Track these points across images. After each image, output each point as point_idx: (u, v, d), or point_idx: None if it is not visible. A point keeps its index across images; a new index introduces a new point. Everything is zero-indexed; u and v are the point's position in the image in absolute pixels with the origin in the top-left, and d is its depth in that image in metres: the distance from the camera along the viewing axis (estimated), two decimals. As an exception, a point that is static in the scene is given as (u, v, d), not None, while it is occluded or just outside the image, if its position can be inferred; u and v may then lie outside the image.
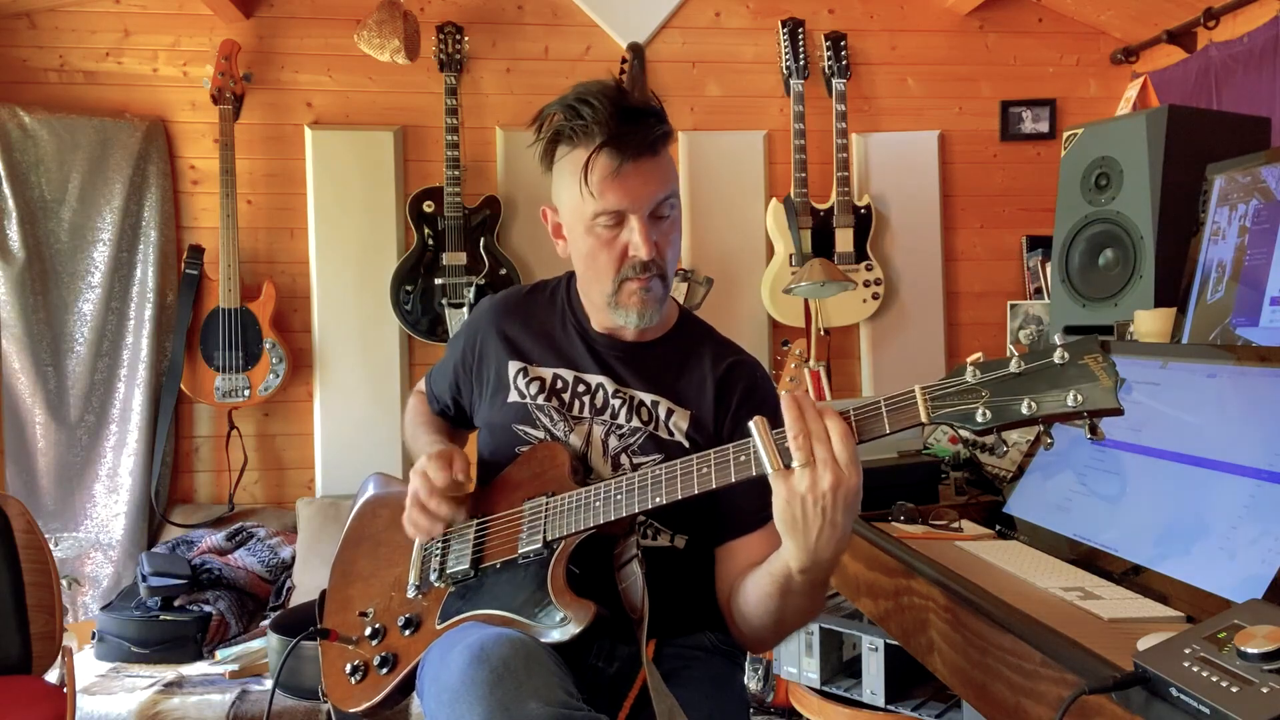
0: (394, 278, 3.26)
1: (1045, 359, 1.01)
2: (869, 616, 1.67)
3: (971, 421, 1.02)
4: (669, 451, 1.34)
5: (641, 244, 1.28)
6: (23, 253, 3.11)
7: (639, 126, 1.27)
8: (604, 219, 1.29)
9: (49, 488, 3.15)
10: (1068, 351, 1.00)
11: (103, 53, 3.28)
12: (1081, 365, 0.99)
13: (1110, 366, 0.99)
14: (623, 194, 1.27)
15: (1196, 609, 1.06)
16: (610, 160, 1.26)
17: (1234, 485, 1.12)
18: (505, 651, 1.08)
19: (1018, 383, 1.01)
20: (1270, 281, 1.51)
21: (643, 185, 1.28)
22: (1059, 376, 1.00)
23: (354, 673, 1.33)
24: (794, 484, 1.03)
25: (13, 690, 1.96)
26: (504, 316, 1.49)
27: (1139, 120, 1.91)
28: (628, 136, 1.26)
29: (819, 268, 3.07)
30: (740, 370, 1.41)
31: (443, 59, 3.27)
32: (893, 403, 1.06)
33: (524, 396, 1.41)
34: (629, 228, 1.29)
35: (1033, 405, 1.00)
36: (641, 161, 1.27)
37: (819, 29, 3.48)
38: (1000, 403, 1.01)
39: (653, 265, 1.30)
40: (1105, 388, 0.98)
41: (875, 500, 1.65)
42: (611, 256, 1.31)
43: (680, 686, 1.27)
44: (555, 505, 1.26)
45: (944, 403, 1.03)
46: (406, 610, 1.33)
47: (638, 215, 1.28)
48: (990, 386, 1.02)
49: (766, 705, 2.94)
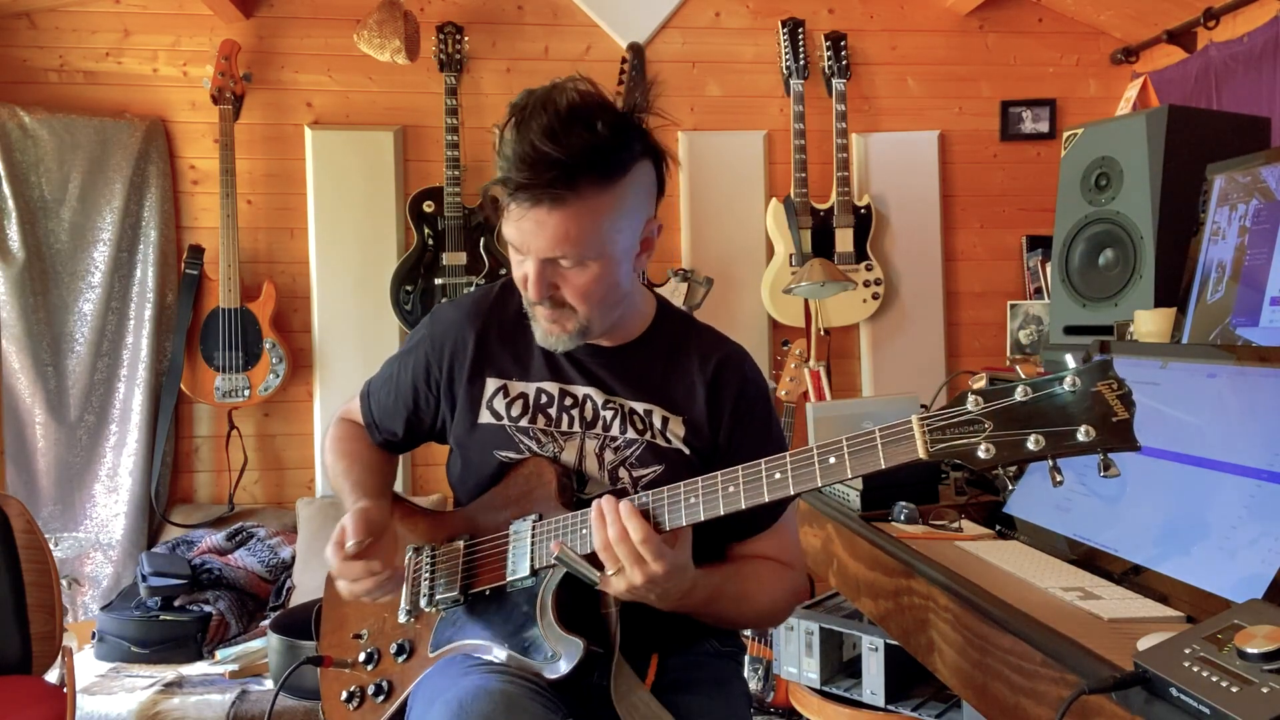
0: (394, 278, 3.26)
1: (1053, 387, 0.93)
2: (869, 616, 1.67)
3: (973, 459, 0.95)
4: (669, 460, 1.30)
5: (530, 284, 1.23)
6: (23, 253, 3.11)
7: (538, 175, 1.15)
8: (512, 247, 1.24)
9: (49, 488, 3.15)
10: (1079, 378, 0.93)
11: (103, 53, 3.28)
12: (1094, 394, 0.92)
13: (1126, 396, 0.91)
14: (515, 232, 1.21)
15: (1196, 609, 1.06)
16: (517, 205, 1.19)
17: (1234, 485, 1.12)
18: (485, 708, 1.09)
19: (1023, 413, 0.94)
20: (1270, 281, 1.50)
21: (533, 234, 1.20)
22: (1069, 407, 0.92)
23: (350, 699, 1.32)
24: (617, 584, 1.13)
25: (13, 690, 1.96)
26: (472, 327, 1.38)
27: (1139, 120, 1.91)
28: (523, 183, 1.17)
29: (819, 268, 3.07)
30: (729, 368, 1.36)
31: (443, 59, 3.27)
32: (889, 434, 1.00)
33: (500, 418, 1.34)
34: (526, 261, 1.23)
35: (1039, 441, 0.93)
36: (537, 210, 1.17)
37: (819, 29, 3.48)
38: (1004, 437, 0.94)
39: (546, 301, 1.24)
40: (1120, 420, 0.91)
41: (875, 500, 1.65)
42: (519, 278, 1.26)
43: (689, 694, 1.28)
44: (543, 530, 1.23)
45: (944, 436, 0.97)
46: (400, 635, 1.32)
47: (529, 260, 1.22)
48: (993, 418, 0.95)
49: (766, 705, 2.94)
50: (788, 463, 1.06)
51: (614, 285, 1.26)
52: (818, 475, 1.04)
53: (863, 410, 1.74)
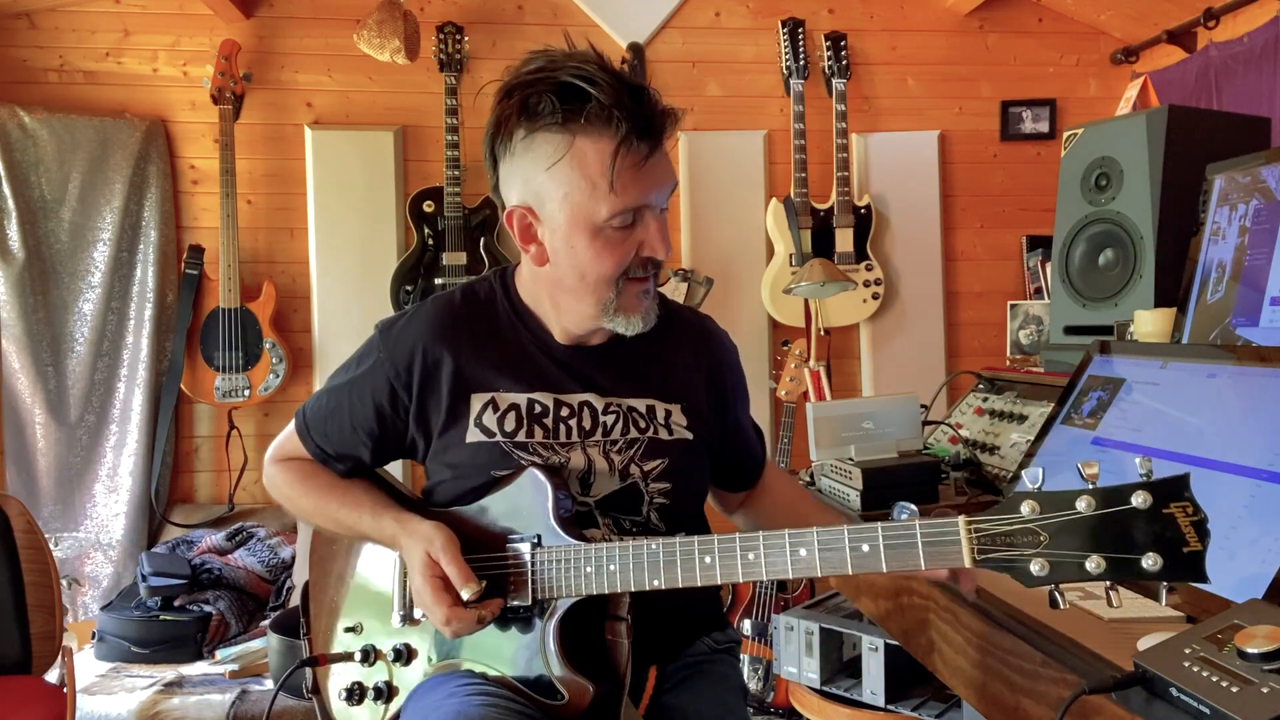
0: (394, 278, 3.26)
1: (1122, 504, 0.85)
2: (869, 616, 1.67)
3: (1025, 575, 0.88)
4: (672, 454, 1.27)
5: (658, 242, 1.17)
6: (23, 253, 3.11)
7: (652, 108, 1.12)
8: (619, 219, 1.15)
9: (49, 488, 3.15)
10: (1151, 494, 0.84)
11: (103, 53, 3.28)
12: (1166, 515, 0.84)
13: (1202, 524, 0.83)
14: (647, 187, 1.14)
15: (1196, 609, 1.06)
16: (637, 153, 1.12)
17: (1234, 485, 1.12)
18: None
19: (1084, 529, 0.87)
20: (1270, 281, 1.50)
21: (665, 175, 1.16)
22: (1136, 527, 0.85)
23: (350, 696, 1.30)
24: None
25: (13, 690, 1.96)
26: (441, 342, 1.26)
27: (1139, 120, 1.91)
28: (648, 123, 1.11)
29: (819, 268, 3.07)
30: (709, 342, 1.37)
31: (443, 59, 3.27)
32: (932, 536, 0.93)
33: (494, 435, 1.23)
34: (644, 225, 1.17)
35: (1099, 564, 0.85)
36: (657, 153, 1.14)
37: (819, 29, 3.48)
38: (1059, 556, 0.87)
39: (660, 263, 1.20)
40: (1192, 553, 0.83)
41: (875, 500, 1.65)
42: (619, 259, 1.17)
43: (684, 692, 1.28)
44: (542, 557, 1.14)
45: (993, 546, 0.90)
46: (397, 638, 1.28)
47: (652, 211, 1.17)
48: (1050, 530, 0.88)
49: (766, 705, 2.94)
50: (815, 540, 1.00)
51: None
52: (848, 564, 0.99)
53: (863, 410, 1.73)
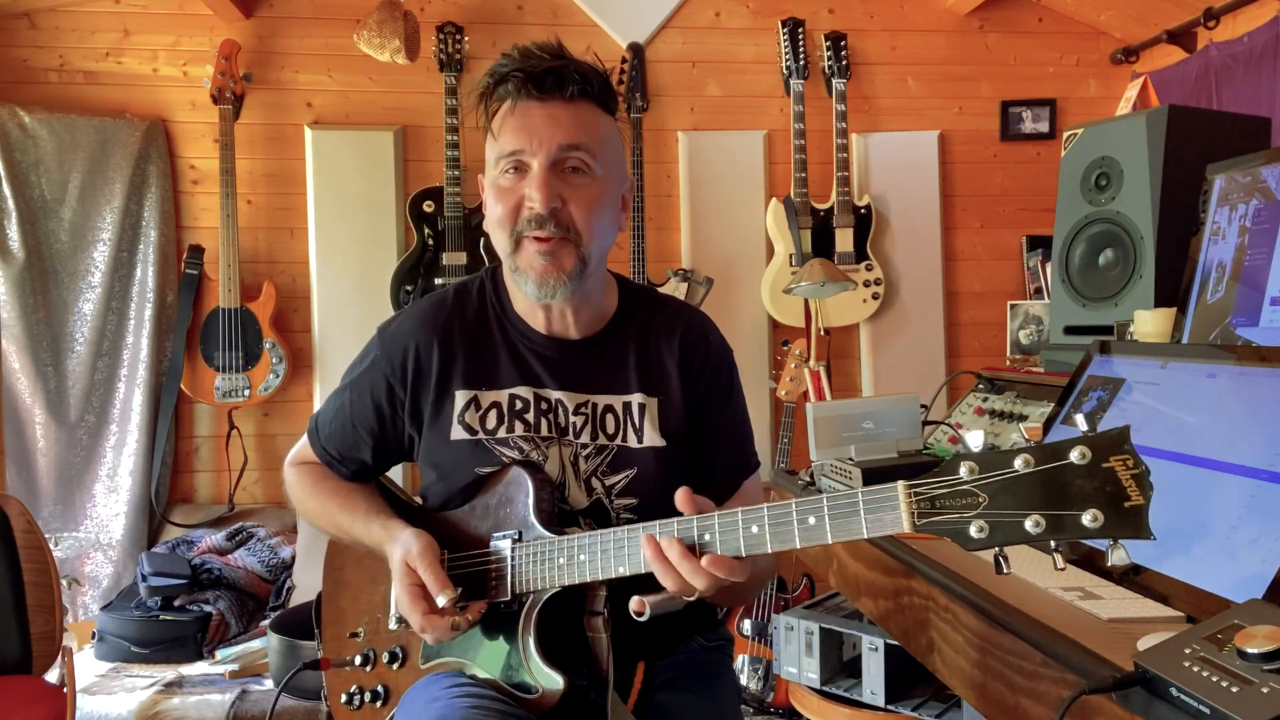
0: (394, 278, 3.26)
1: (1060, 459, 0.82)
2: (869, 616, 1.67)
3: (964, 538, 0.86)
4: (640, 464, 1.26)
5: (535, 190, 1.15)
6: (23, 253, 3.11)
7: (551, 67, 1.16)
8: (505, 163, 1.17)
9: (49, 488, 3.15)
10: (1090, 448, 0.81)
11: (103, 53, 3.28)
12: (1106, 469, 0.81)
13: (1142, 476, 0.80)
14: (520, 132, 1.16)
15: (1196, 609, 1.06)
16: (513, 96, 1.16)
17: (1234, 485, 1.12)
18: None
19: (1023, 487, 0.84)
20: (1270, 281, 1.50)
21: (545, 125, 1.15)
22: (1075, 483, 0.82)
23: (351, 700, 1.34)
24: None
25: (13, 690, 1.96)
26: (431, 338, 1.29)
27: (1139, 120, 1.91)
28: (534, 72, 1.15)
29: (819, 268, 3.07)
30: (696, 337, 1.33)
31: (443, 59, 3.27)
32: (873, 501, 0.91)
33: (475, 433, 1.26)
34: (529, 175, 1.17)
35: (1039, 523, 0.83)
36: (549, 102, 1.16)
37: (819, 29, 3.48)
38: (999, 516, 0.84)
39: (550, 220, 1.16)
40: (1134, 505, 0.80)
41: (875, 500, 1.65)
42: (506, 206, 1.18)
43: (676, 692, 1.28)
44: (522, 552, 1.18)
45: (932, 509, 0.88)
46: (392, 641, 1.32)
47: (538, 160, 1.16)
48: (989, 490, 0.85)
49: (766, 705, 2.94)
50: (765, 516, 1.01)
51: (610, 219, 1.23)
52: (796, 537, 0.98)
53: (863, 410, 1.73)
